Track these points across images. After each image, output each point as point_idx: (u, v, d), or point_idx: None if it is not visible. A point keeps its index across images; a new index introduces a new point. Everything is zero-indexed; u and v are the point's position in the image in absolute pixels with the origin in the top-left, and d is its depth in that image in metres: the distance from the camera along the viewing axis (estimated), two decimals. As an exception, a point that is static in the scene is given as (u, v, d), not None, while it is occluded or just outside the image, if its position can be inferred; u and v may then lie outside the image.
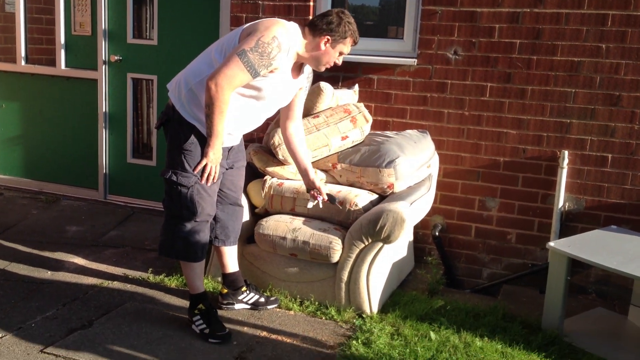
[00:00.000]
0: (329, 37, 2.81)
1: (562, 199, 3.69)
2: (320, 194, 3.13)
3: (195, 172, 2.86)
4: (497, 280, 3.84)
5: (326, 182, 3.65)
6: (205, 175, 2.87)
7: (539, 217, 3.78)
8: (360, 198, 3.38)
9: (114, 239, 4.17)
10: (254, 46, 2.65)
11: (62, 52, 4.88)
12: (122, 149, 4.86)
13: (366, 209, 3.35)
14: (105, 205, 4.84)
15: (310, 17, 4.08)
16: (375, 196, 3.51)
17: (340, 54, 2.90)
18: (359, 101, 4.02)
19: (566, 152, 3.65)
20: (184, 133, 2.86)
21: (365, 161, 3.53)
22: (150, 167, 4.78)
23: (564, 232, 3.71)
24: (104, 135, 4.85)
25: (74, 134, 4.97)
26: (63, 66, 4.90)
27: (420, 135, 3.77)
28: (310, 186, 3.16)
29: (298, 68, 2.94)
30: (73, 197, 4.97)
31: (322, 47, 2.82)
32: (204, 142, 2.84)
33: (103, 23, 4.70)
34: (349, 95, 3.88)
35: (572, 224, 3.72)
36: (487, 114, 3.81)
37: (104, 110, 4.82)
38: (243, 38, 2.73)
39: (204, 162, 2.84)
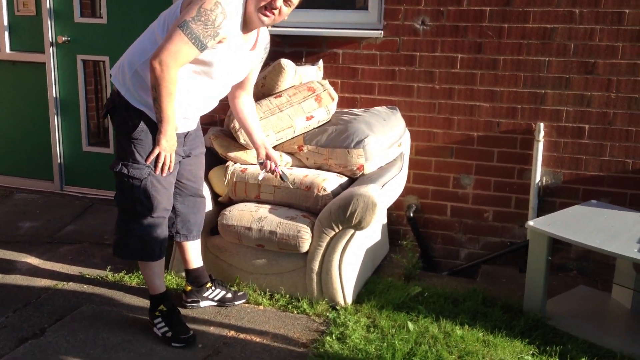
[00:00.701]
0: None
1: (539, 174, 3.54)
2: (277, 165, 2.94)
3: (148, 163, 2.63)
4: (475, 261, 3.70)
5: (292, 165, 3.44)
6: (159, 165, 2.63)
7: (516, 194, 3.63)
8: (329, 182, 3.19)
9: (71, 234, 3.93)
10: (196, 15, 2.40)
11: (6, 34, 4.55)
12: (76, 136, 4.58)
13: (335, 193, 3.16)
14: (61, 197, 4.57)
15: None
16: (344, 179, 3.32)
17: None
18: (324, 78, 3.80)
19: (542, 125, 3.49)
20: (132, 120, 2.62)
21: (333, 142, 3.33)
22: (108, 155, 4.51)
23: (542, 208, 3.58)
24: (56, 123, 4.56)
25: (25, 122, 4.67)
26: (8, 50, 4.58)
27: (389, 111, 3.57)
28: (267, 158, 2.95)
29: (251, 33, 2.66)
30: (27, 190, 4.69)
31: None
32: (156, 129, 2.60)
33: (48, 1, 4.38)
34: (313, 72, 3.65)
35: (550, 199, 3.58)
36: (459, 86, 3.62)
37: (54, 95, 4.52)
38: (184, 8, 2.47)
39: (156, 151, 2.60)
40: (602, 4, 3.30)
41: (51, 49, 4.46)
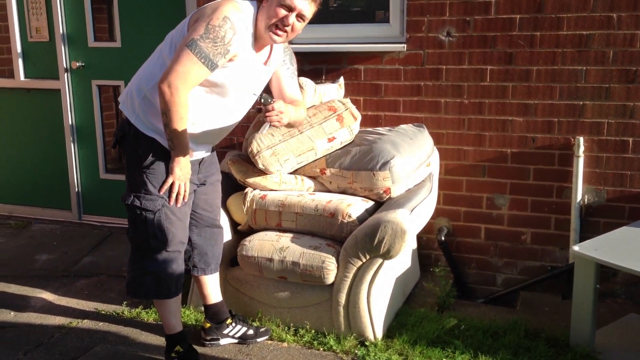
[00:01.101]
0: None
1: (580, 192, 3.29)
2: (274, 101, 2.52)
3: (161, 193, 2.47)
4: (513, 287, 3.45)
5: (315, 189, 3.25)
6: (174, 195, 2.48)
7: (556, 214, 3.38)
8: (354, 207, 2.98)
9: (88, 266, 3.78)
10: (204, 33, 2.25)
11: (20, 61, 4.47)
12: (93, 163, 4.45)
13: (361, 219, 2.96)
14: (79, 227, 4.44)
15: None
16: (370, 203, 3.11)
17: (280, 5, 2.32)
18: (345, 96, 3.62)
19: (581, 139, 3.25)
20: (142, 149, 2.46)
21: (357, 164, 3.13)
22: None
23: (585, 229, 3.32)
24: (72, 150, 4.45)
25: (41, 151, 4.56)
26: (22, 77, 4.49)
27: (416, 129, 3.36)
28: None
29: (264, 47, 2.49)
30: (46, 220, 4.57)
31: (264, 4, 2.38)
32: (168, 157, 2.44)
33: (61, 26, 4.29)
34: (334, 90, 3.47)
35: (593, 218, 3.32)
36: (489, 100, 3.40)
37: (70, 122, 4.41)
38: (191, 26, 2.32)
39: (170, 181, 2.45)
40: (643, 8, 3.06)
41: (66, 75, 4.35)
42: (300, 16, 2.36)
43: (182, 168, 2.44)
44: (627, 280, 3.31)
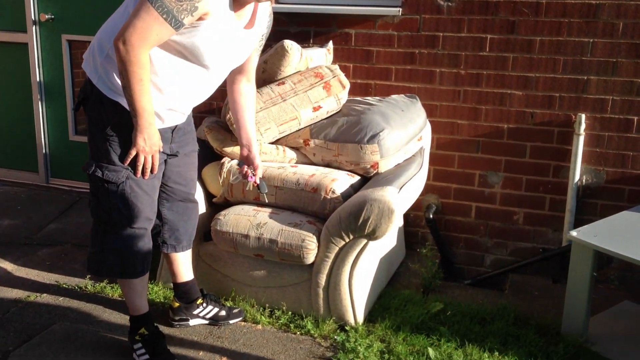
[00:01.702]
0: None
1: (578, 172, 3.10)
2: (255, 174, 2.52)
3: (126, 164, 2.22)
4: (503, 269, 3.27)
5: (297, 161, 3.03)
6: (139, 168, 2.22)
7: (551, 194, 3.19)
8: (338, 183, 2.77)
9: (52, 234, 3.54)
10: None
11: (-15, 12, 4.15)
12: (62, 124, 4.18)
13: (346, 196, 2.75)
14: (47, 190, 4.19)
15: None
16: (356, 178, 2.90)
17: None
18: (334, 61, 3.37)
19: (583, 116, 3.04)
20: (106, 114, 2.21)
21: (344, 136, 2.91)
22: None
23: (581, 211, 3.14)
24: (40, 109, 4.17)
25: (6, 109, 4.28)
26: (-13, 29, 4.18)
27: (408, 101, 3.14)
28: (247, 161, 2.54)
29: (245, 9, 2.20)
30: (10, 182, 4.31)
31: None
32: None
33: (28, -25, 3.97)
34: (322, 55, 3.22)
35: (590, 200, 3.14)
36: (487, 72, 3.17)
37: (37, 79, 4.12)
38: None
39: (133, 152, 2.18)
40: (658, -24, 2.84)
41: (34, 27, 4.05)
42: None
43: (148, 138, 2.15)
44: (621, 266, 3.15)
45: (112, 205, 2.28)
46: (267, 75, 2.99)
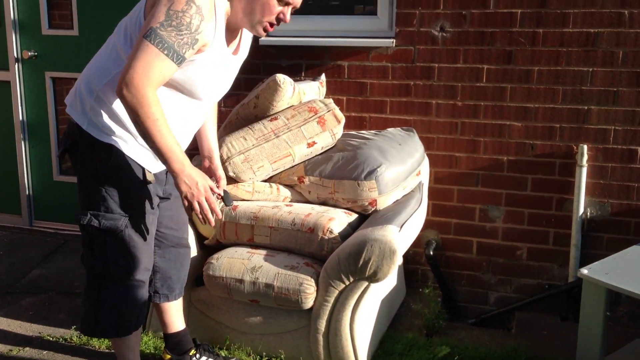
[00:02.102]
0: None
1: (582, 205, 3.00)
2: (218, 185, 2.35)
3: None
4: (508, 307, 3.15)
5: (292, 199, 2.91)
6: (206, 215, 2.01)
7: (555, 228, 3.09)
8: (336, 222, 2.64)
9: (36, 280, 3.38)
10: (165, 20, 1.85)
11: (-34, 50, 4.03)
12: (46, 163, 4.04)
13: (344, 235, 2.63)
14: (30, 233, 4.03)
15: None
16: (354, 216, 2.78)
17: (285, 2, 2.01)
18: (326, 95, 3.28)
19: (585, 147, 2.96)
20: (99, 158, 2.07)
21: (340, 172, 2.80)
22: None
23: (587, 245, 3.04)
24: (23, 148, 4.03)
25: (-12, 149, 4.14)
26: (-32, 67, 4.06)
27: (405, 134, 3.04)
28: (209, 173, 2.38)
29: (235, 37, 2.13)
30: (-7, 225, 4.15)
31: None
32: (129, 165, 2.07)
33: (12, 11, 3.86)
34: (314, 89, 3.12)
35: (595, 234, 3.04)
36: (485, 103, 3.09)
37: (20, 118, 3.99)
38: (148, 12, 1.93)
39: (186, 203, 2.00)
40: (657, 4, 2.78)
41: (16, 65, 3.93)
42: (293, 8, 2.04)
43: (190, 180, 1.95)
44: (631, 302, 3.04)
45: (109, 258, 2.12)
46: (259, 111, 2.88)
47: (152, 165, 2.14)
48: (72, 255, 3.68)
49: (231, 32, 2.08)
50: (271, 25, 2.05)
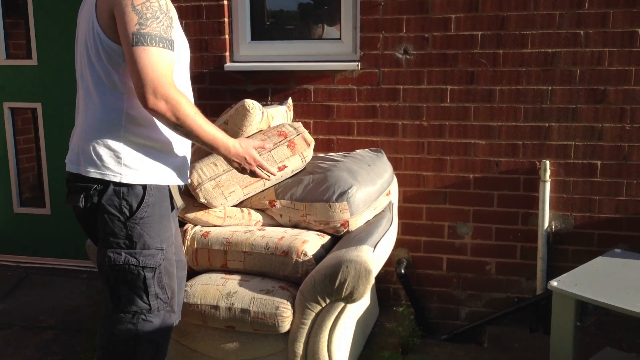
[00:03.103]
0: None
1: (547, 219, 3.08)
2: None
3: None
4: (478, 322, 3.20)
5: (264, 223, 2.90)
6: (264, 176, 2.21)
7: (522, 242, 3.16)
8: (310, 244, 2.65)
9: (-1, 316, 3.28)
10: (139, 18, 1.82)
11: None
12: (6, 196, 3.94)
13: (318, 257, 2.63)
14: (-10, 267, 3.91)
15: (225, 19, 3.33)
16: (326, 238, 2.79)
17: None
18: (294, 118, 3.30)
19: (547, 162, 3.05)
20: (130, 203, 1.98)
21: (311, 195, 2.81)
22: (44, 217, 3.90)
23: (553, 257, 3.11)
24: (-19, 181, 3.93)
25: (-56, 182, 4.02)
26: None
27: (374, 155, 3.08)
28: None
29: None
30: (-52, 261, 4.01)
31: None
32: (161, 197, 2.03)
33: (-33, 42, 3.78)
34: (282, 113, 3.14)
35: (561, 246, 3.12)
36: (450, 122, 3.16)
37: (-22, 150, 3.89)
38: (105, 17, 1.88)
39: (248, 173, 2.18)
40: (610, 24, 2.90)
41: (-27, 96, 3.85)
42: None
43: (239, 155, 2.10)
44: (598, 311, 3.12)
45: (150, 292, 2.05)
46: (230, 135, 2.87)
47: (178, 180, 2.11)
48: (35, 288, 3.59)
49: None
50: None
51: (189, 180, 2.22)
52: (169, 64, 1.86)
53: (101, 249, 2.03)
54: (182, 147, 2.12)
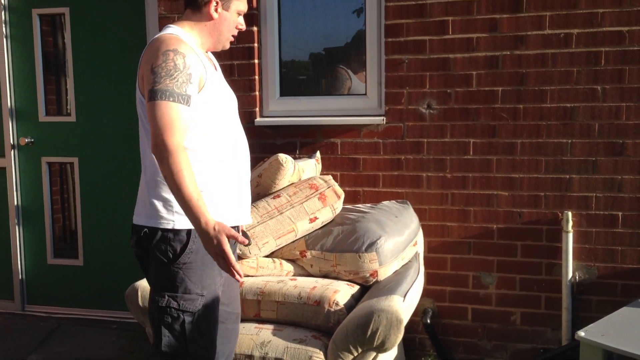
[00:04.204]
0: (217, 0, 2.16)
1: (570, 269, 3.14)
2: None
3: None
4: (506, 372, 3.23)
5: (295, 273, 2.99)
6: (233, 271, 1.95)
7: (546, 292, 3.21)
8: (341, 294, 2.73)
9: (34, 365, 3.35)
10: (155, 77, 1.97)
11: (-39, 137, 4.10)
12: (40, 247, 4.06)
13: (349, 307, 2.70)
14: (23, 318, 4.00)
15: (256, 77, 3.49)
16: (356, 288, 2.87)
17: (239, 14, 2.24)
18: (322, 171, 3.42)
19: (569, 213, 3.13)
20: (175, 247, 2.09)
21: (341, 245, 2.90)
22: (77, 268, 4.01)
23: (577, 307, 3.16)
24: (17, 233, 4.05)
25: (-19, 234, 4.15)
26: (-36, 153, 4.12)
27: (400, 206, 3.18)
28: None
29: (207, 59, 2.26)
30: (-18, 311, 4.11)
31: (214, 14, 2.17)
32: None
33: (9, 100, 3.97)
34: (312, 166, 3.26)
35: (585, 296, 3.16)
36: (473, 174, 3.26)
37: (15, 203, 4.03)
38: (142, 83, 2.05)
39: (227, 261, 1.93)
40: (626, 80, 3.02)
41: (12, 152, 4.01)
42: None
43: (210, 229, 1.89)
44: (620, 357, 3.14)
45: (187, 338, 2.13)
46: (261, 189, 3.00)
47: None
48: (68, 338, 3.66)
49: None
50: (234, 37, 2.26)
51: (244, 222, 2.27)
52: (178, 118, 1.95)
53: (150, 292, 2.18)
54: (231, 186, 2.18)
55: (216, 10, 2.17)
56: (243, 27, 2.28)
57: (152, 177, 2.12)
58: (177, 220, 2.08)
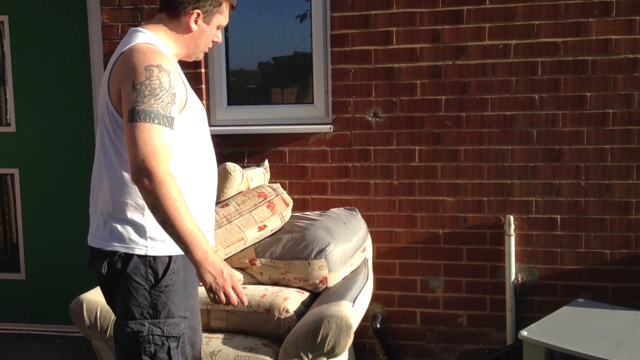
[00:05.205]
0: (198, 12, 2.03)
1: (513, 271, 3.25)
2: None
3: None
4: (454, 374, 3.30)
5: (244, 282, 2.99)
6: (233, 303, 1.90)
7: (491, 294, 3.31)
8: (291, 301, 2.74)
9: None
10: (137, 96, 1.82)
11: None
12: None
13: (299, 314, 2.72)
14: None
15: (202, 86, 3.48)
16: (306, 294, 2.89)
17: (219, 27, 2.12)
18: (270, 179, 3.43)
19: (511, 217, 3.23)
20: (155, 271, 1.95)
21: (290, 253, 2.92)
22: (19, 282, 3.89)
23: (521, 308, 3.26)
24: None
25: None
26: None
27: (348, 213, 3.22)
28: None
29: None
30: None
31: (194, 26, 2.04)
32: (185, 265, 1.96)
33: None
34: (260, 174, 3.27)
35: (527, 297, 3.27)
36: (419, 181, 3.33)
37: (-48, 215, 3.90)
38: (115, 97, 1.89)
39: (220, 296, 1.87)
40: (561, 89, 3.15)
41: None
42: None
43: (214, 270, 1.83)
44: (565, 358, 3.25)
45: None
46: (209, 198, 2.99)
47: None
48: (11, 354, 3.56)
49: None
50: (208, 48, 2.17)
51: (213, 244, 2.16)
52: (162, 142, 1.81)
53: (120, 320, 1.97)
54: (205, 213, 2.09)
55: (196, 22, 2.04)
56: (219, 40, 2.17)
57: (118, 197, 1.95)
58: (155, 246, 1.95)
